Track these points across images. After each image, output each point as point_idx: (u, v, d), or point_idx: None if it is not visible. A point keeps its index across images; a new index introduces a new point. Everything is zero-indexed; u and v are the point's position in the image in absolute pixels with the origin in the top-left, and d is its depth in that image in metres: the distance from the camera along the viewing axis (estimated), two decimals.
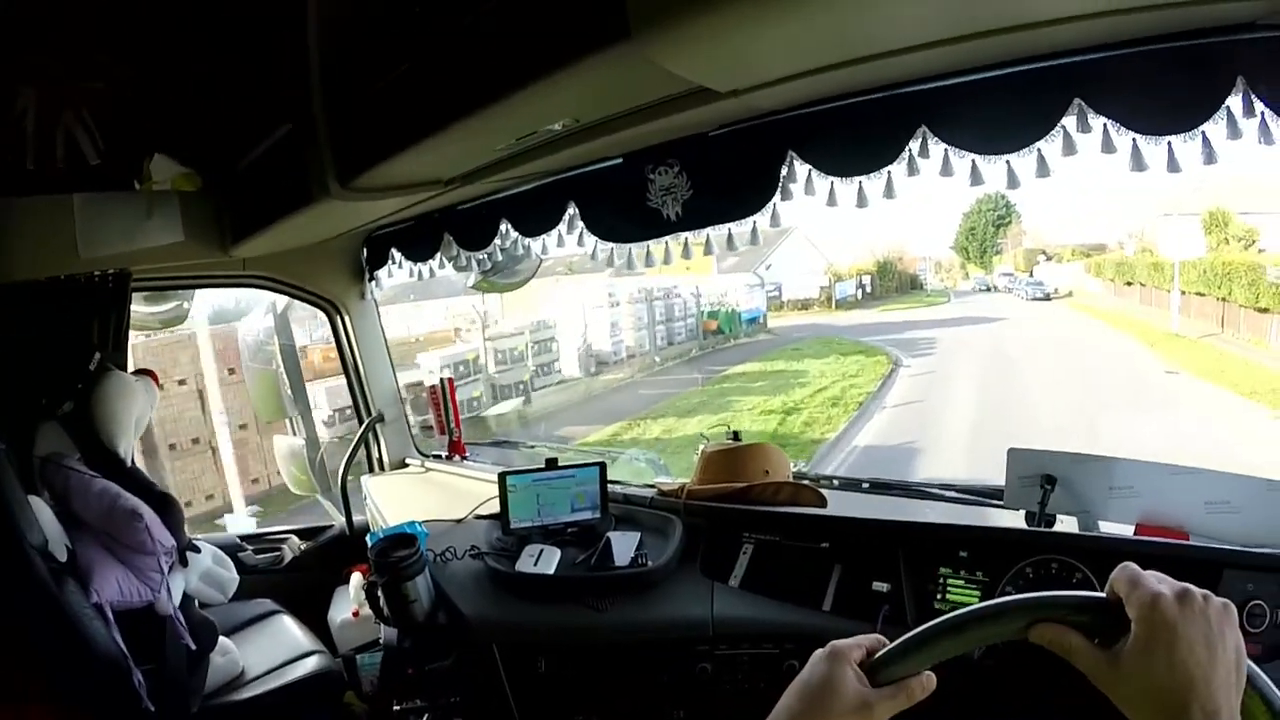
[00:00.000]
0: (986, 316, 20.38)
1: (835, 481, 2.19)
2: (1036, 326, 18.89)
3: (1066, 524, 1.75)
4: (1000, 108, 1.41)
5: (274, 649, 2.64)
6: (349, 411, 3.54)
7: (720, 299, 19.00)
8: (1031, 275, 25.56)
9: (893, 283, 27.28)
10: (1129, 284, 18.63)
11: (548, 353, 14.11)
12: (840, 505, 2.04)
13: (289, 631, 2.74)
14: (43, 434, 2.39)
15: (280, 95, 2.05)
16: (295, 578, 3.12)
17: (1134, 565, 0.70)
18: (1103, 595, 0.70)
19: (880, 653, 0.75)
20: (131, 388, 2.53)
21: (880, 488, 2.16)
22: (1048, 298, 22.98)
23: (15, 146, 2.38)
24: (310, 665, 2.54)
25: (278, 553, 3.17)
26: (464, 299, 12.67)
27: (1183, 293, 14.41)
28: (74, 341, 2.57)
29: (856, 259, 26.66)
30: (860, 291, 25.31)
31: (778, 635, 1.73)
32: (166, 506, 2.34)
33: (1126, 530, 1.69)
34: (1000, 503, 1.83)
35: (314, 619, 2.88)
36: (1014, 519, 1.79)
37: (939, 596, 1.67)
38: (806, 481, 2.12)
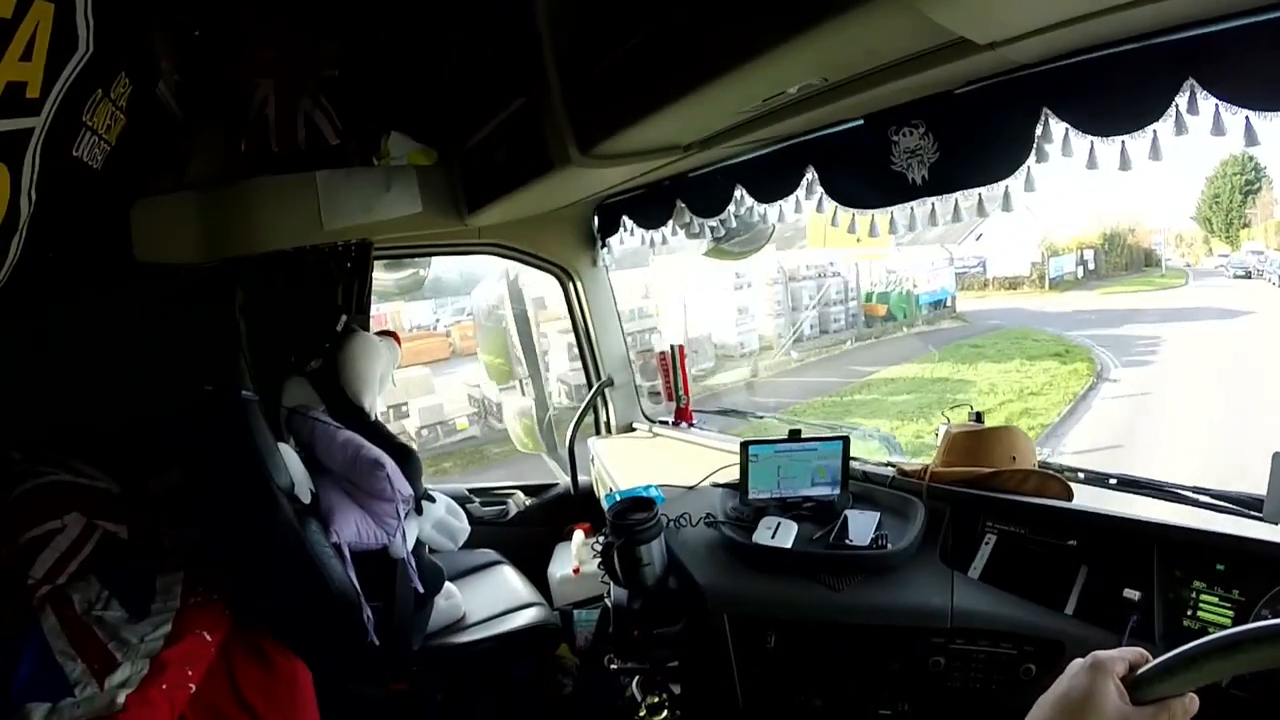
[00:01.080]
0: (1230, 309, 15.45)
1: (1081, 474, 2.02)
2: None
3: None
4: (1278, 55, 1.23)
5: (495, 597, 2.79)
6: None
7: (895, 278, 15.97)
8: None
9: (1122, 259, 22.86)
10: None
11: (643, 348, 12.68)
12: (1085, 501, 1.87)
13: (510, 582, 2.89)
14: (289, 387, 2.61)
15: (512, 70, 2.12)
16: (519, 532, 3.29)
17: None
18: None
19: (1144, 668, 0.71)
20: (376, 347, 2.72)
21: (1129, 485, 1.96)
22: None
23: (260, 132, 2.62)
24: (528, 616, 2.67)
25: (503, 506, 3.35)
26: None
27: None
28: (322, 305, 2.80)
29: (1080, 231, 22.25)
30: (1081, 269, 21.24)
31: (1016, 635, 1.62)
32: (407, 458, 2.51)
33: None
34: (1259, 514, 1.64)
35: (534, 572, 3.02)
36: (1274, 534, 1.57)
37: (1190, 613, 1.50)
38: (1053, 471, 1.97)
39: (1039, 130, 1.57)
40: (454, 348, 13.73)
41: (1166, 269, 23.08)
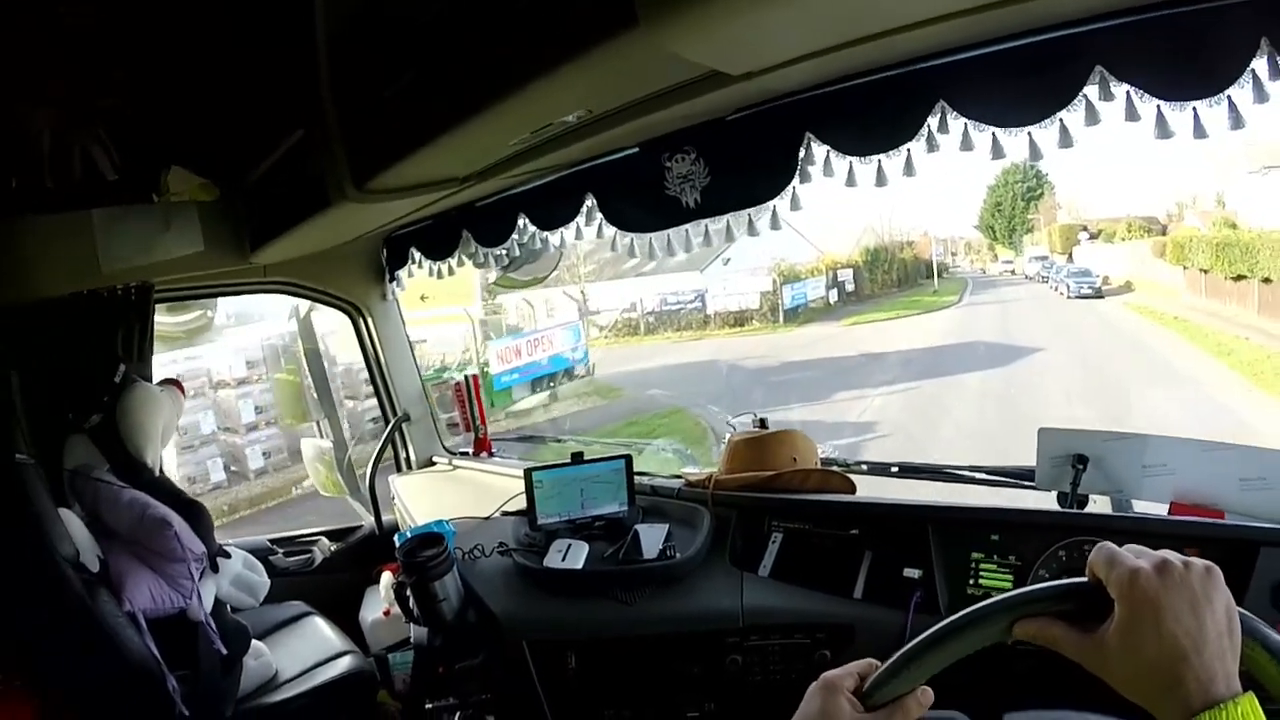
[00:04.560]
0: (1009, 344, 13.20)
1: (864, 466, 2.18)
2: (1101, 362, 11.97)
3: (1099, 504, 1.74)
4: (1019, 79, 1.40)
5: (306, 650, 2.67)
6: None
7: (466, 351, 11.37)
8: (1071, 259, 20.27)
9: (891, 275, 21.60)
10: (1238, 278, 12.31)
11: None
12: (869, 490, 2.04)
13: (321, 633, 2.78)
14: (71, 447, 2.43)
15: (291, 102, 2.08)
16: (326, 579, 3.16)
17: (1110, 544, 0.69)
18: (1083, 579, 0.70)
19: (872, 677, 0.75)
20: (157, 398, 2.57)
21: (910, 471, 2.16)
22: (1098, 293, 16.94)
23: (33, 166, 2.43)
24: (343, 665, 2.57)
25: (308, 554, 3.21)
26: None
27: None
28: (99, 355, 2.61)
29: (859, 245, 21.35)
30: (835, 293, 19.29)
31: (809, 625, 1.74)
32: (195, 513, 2.39)
33: (1160, 509, 1.68)
34: (1031, 484, 1.82)
35: (346, 620, 2.92)
36: (1046, 500, 1.78)
37: (972, 582, 1.67)
38: (835, 467, 2.11)
39: (802, 153, 1.69)
40: None
41: (942, 283, 21.64)
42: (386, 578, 2.82)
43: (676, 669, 1.82)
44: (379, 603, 2.90)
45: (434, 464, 3.29)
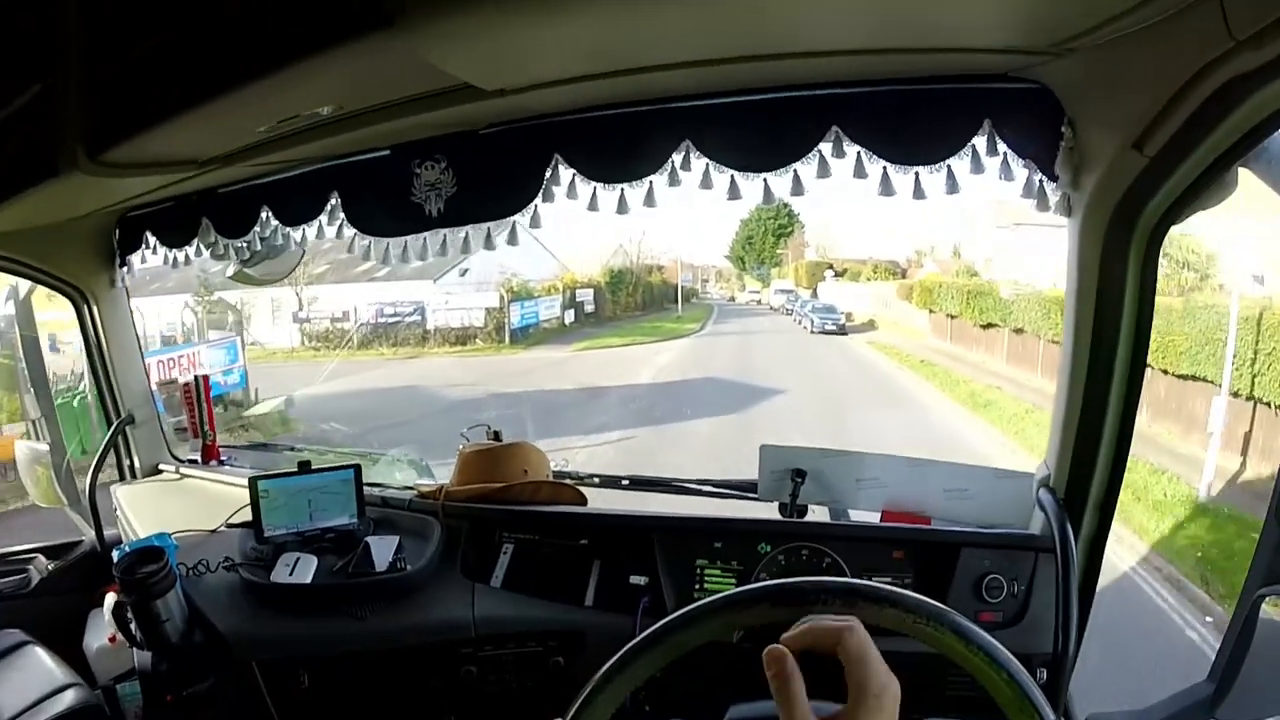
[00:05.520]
0: (750, 384, 12.16)
1: (596, 479, 2.25)
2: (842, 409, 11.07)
3: (818, 514, 1.88)
4: (762, 129, 1.53)
5: (25, 685, 2.40)
6: None
7: None
8: (815, 294, 21.02)
9: (636, 297, 20.93)
10: (988, 325, 13.06)
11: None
12: (601, 503, 2.12)
13: (41, 664, 2.50)
14: None
15: (28, 52, 1.89)
16: (44, 603, 2.84)
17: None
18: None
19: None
20: None
21: (640, 484, 2.24)
22: (842, 330, 17.25)
23: None
24: (67, 700, 2.32)
25: (23, 574, 2.88)
26: None
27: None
28: None
29: (606, 265, 20.87)
30: (571, 313, 18.31)
31: (541, 633, 1.80)
32: None
33: (873, 517, 1.84)
34: (755, 495, 1.94)
35: (69, 648, 2.63)
36: (768, 511, 1.90)
37: (698, 587, 1.77)
38: (567, 480, 2.17)
39: (548, 173, 1.74)
40: None
41: (688, 309, 21.07)
42: (110, 599, 2.61)
43: (413, 682, 1.83)
44: (104, 628, 2.66)
45: (160, 472, 3.03)
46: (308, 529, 2.04)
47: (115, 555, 1.94)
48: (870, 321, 17.66)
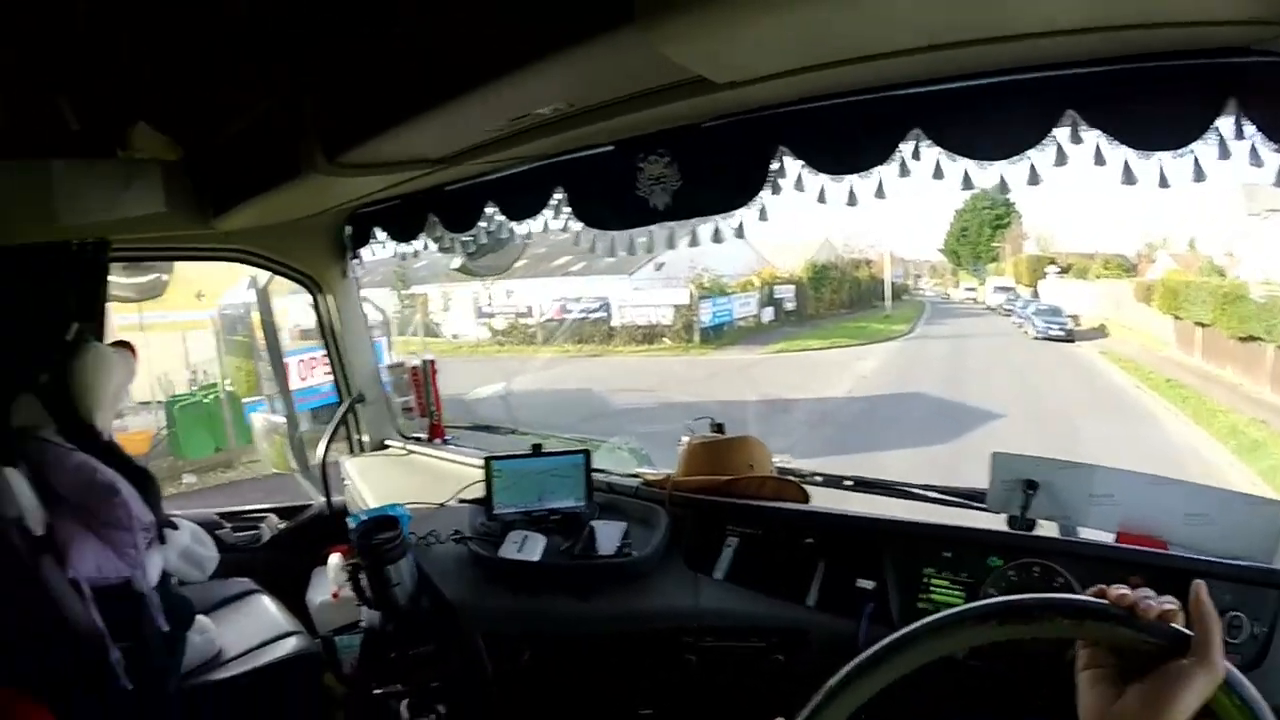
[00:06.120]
0: (961, 403, 9.93)
1: (818, 478, 2.22)
2: None
3: (1047, 529, 1.79)
4: (994, 116, 1.45)
5: (252, 629, 2.65)
6: None
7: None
8: (1036, 293, 18.72)
9: (841, 294, 19.19)
10: (1247, 338, 9.89)
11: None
12: (822, 502, 2.08)
13: (267, 611, 2.76)
14: (19, 406, 2.38)
15: (267, 66, 2.05)
16: (273, 556, 3.14)
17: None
18: (1187, 632, 0.72)
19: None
20: (110, 359, 2.52)
21: (863, 485, 2.19)
22: (1069, 336, 14.81)
23: None
24: (289, 646, 2.56)
25: (256, 531, 3.19)
26: None
27: None
28: (50, 311, 2.56)
29: (811, 259, 18.99)
30: (771, 310, 16.80)
31: (763, 630, 1.79)
32: (144, 481, 2.35)
33: (1107, 537, 1.73)
34: (982, 505, 1.87)
35: (292, 599, 2.90)
36: (996, 522, 1.83)
37: (923, 596, 1.72)
38: (790, 477, 2.15)
39: (774, 166, 1.72)
40: None
41: (897, 307, 18.49)
42: (335, 559, 2.81)
43: (632, 667, 1.86)
44: (327, 584, 2.88)
45: (387, 447, 3.28)
46: (536, 509, 2.14)
47: (350, 522, 2.08)
48: (1100, 326, 15.13)
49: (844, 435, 9.47)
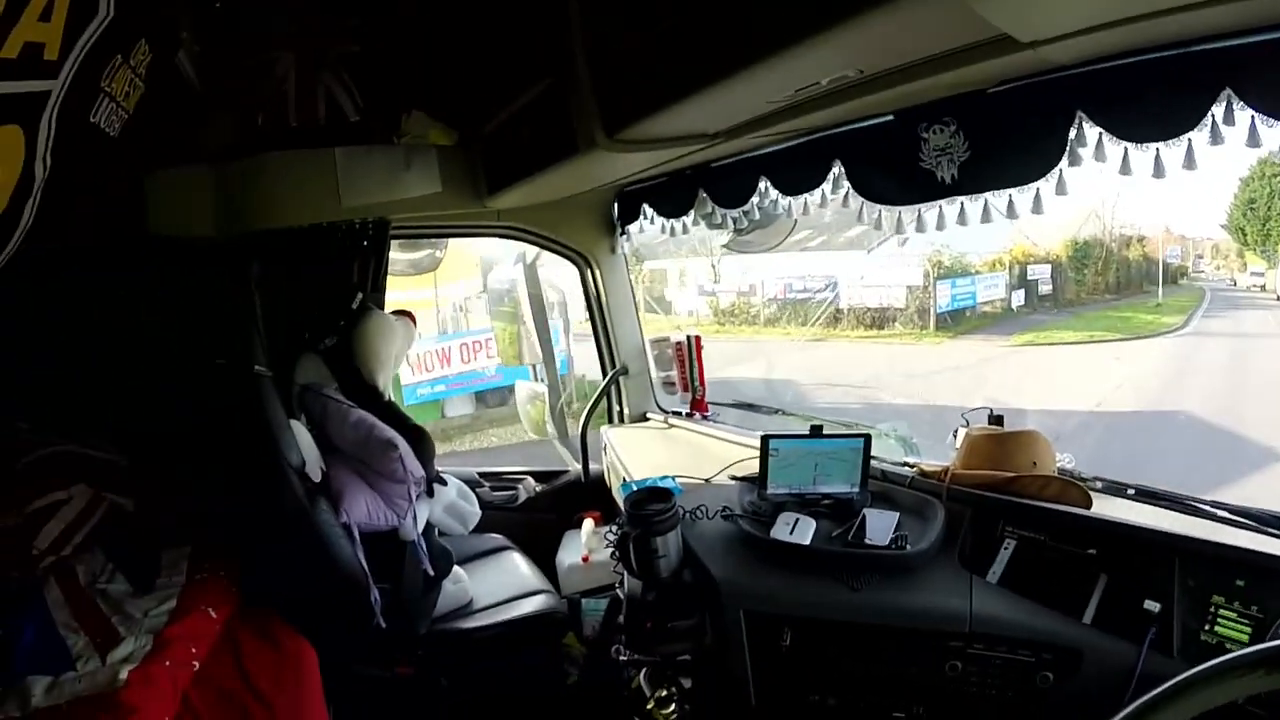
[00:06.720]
0: (1239, 434, 6.87)
1: (1099, 483, 2.01)
2: None
3: None
4: None
5: (502, 583, 2.82)
6: None
7: None
8: None
9: (1107, 276, 15.67)
10: None
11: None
12: (1102, 510, 1.87)
13: (518, 568, 2.92)
14: (303, 364, 2.62)
15: (539, 51, 2.12)
16: (528, 517, 3.30)
17: None
18: None
19: None
20: (391, 326, 2.74)
21: (1146, 496, 1.96)
22: None
23: (278, 105, 2.62)
24: (535, 603, 2.70)
25: (513, 491, 3.37)
26: None
27: None
28: (337, 282, 2.82)
29: (1072, 234, 15.50)
30: (1023, 293, 13.94)
31: (1035, 643, 1.64)
32: (420, 439, 2.52)
33: None
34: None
35: (543, 559, 3.04)
36: None
37: (1208, 627, 1.51)
38: (1074, 479, 1.97)
39: (1073, 133, 1.57)
40: None
41: (1171, 292, 15.32)
42: (588, 524, 2.92)
43: (893, 664, 1.76)
44: (578, 548, 3.00)
45: (647, 419, 3.35)
46: (808, 492, 2.09)
47: (621, 490, 2.12)
48: None
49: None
